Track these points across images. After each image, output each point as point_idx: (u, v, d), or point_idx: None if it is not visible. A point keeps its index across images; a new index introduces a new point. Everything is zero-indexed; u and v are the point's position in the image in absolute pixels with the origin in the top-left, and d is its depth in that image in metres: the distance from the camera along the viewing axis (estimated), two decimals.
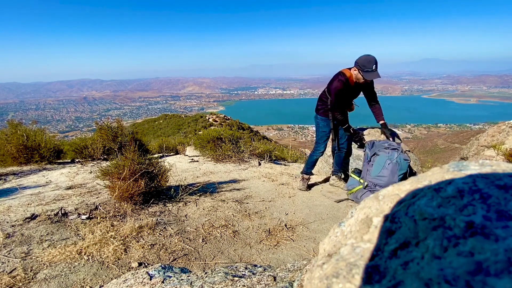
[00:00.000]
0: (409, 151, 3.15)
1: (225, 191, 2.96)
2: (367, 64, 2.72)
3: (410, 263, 0.34)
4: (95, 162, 3.82)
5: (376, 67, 2.72)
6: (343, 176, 3.42)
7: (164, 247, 1.76)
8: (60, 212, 1.99)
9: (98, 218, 1.98)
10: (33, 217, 1.91)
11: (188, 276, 0.92)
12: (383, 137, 3.13)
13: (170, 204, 2.44)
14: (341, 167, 3.38)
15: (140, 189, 2.25)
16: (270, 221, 2.33)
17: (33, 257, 1.49)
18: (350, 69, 2.81)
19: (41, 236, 1.71)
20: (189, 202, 2.53)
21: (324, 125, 3.06)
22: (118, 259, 1.57)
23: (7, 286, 1.27)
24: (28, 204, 2.16)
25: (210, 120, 30.70)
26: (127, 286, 0.95)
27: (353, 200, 2.87)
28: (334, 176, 3.38)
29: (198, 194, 2.70)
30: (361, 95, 3.05)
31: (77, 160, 4.01)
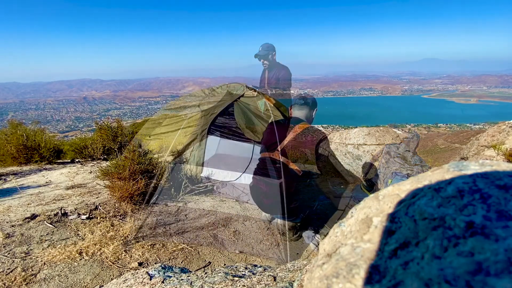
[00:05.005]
0: (408, 151, 3.14)
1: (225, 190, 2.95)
2: None
3: (410, 263, 0.34)
4: (95, 162, 3.82)
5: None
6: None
7: (164, 247, 1.76)
8: (60, 212, 1.99)
9: (98, 218, 1.98)
10: (33, 217, 1.91)
11: (188, 276, 0.92)
12: (398, 139, 3.02)
13: (170, 204, 2.44)
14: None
15: (140, 189, 2.25)
16: None
17: (33, 257, 1.49)
18: None
19: (41, 236, 1.71)
20: (189, 202, 2.53)
21: None
22: (118, 259, 1.56)
23: (7, 286, 1.27)
24: (28, 204, 2.16)
25: None
26: (127, 286, 0.95)
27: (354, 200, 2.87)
28: None
29: (198, 194, 2.70)
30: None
31: (77, 160, 4.00)
